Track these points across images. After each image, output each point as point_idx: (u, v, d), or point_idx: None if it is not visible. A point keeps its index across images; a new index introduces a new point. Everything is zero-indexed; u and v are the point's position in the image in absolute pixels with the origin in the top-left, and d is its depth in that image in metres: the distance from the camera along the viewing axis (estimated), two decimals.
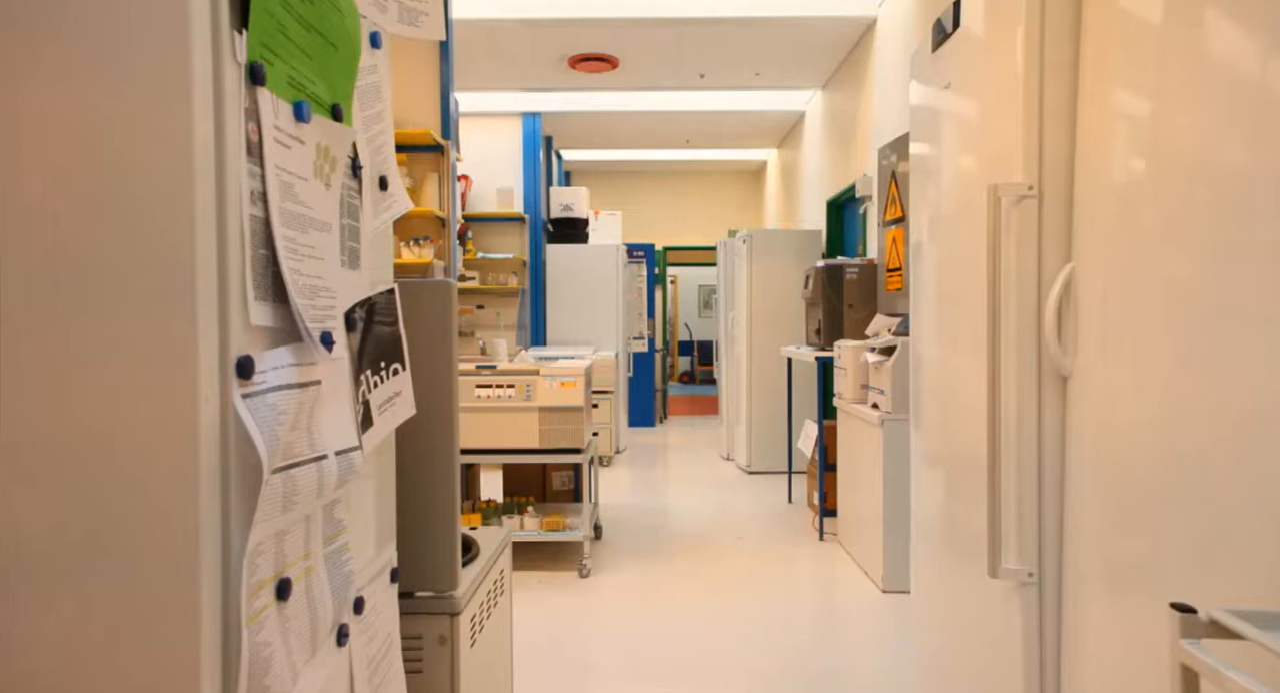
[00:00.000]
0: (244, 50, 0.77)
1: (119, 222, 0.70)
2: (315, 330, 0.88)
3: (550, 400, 3.35)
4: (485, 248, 6.67)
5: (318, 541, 0.90)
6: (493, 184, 6.70)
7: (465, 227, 6.42)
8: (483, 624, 1.40)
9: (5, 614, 0.70)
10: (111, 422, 0.70)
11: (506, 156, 6.79)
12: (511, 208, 6.60)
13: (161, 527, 0.70)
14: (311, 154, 0.91)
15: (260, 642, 0.75)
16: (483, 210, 6.63)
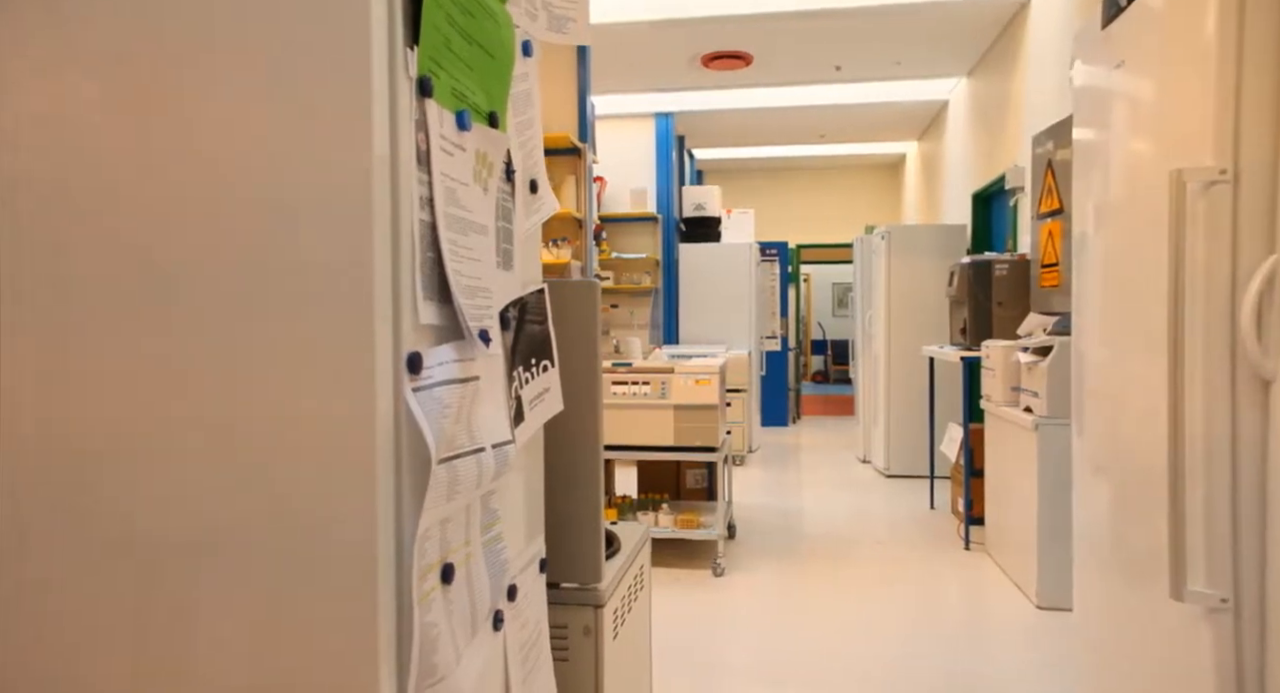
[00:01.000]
0: (414, 65, 0.82)
1: (307, 228, 0.76)
2: (475, 328, 0.92)
3: (685, 399, 3.36)
4: (619, 248, 6.79)
5: (476, 529, 0.94)
6: (626, 184, 6.81)
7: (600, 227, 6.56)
8: (624, 618, 1.43)
9: (195, 589, 0.78)
10: (298, 412, 0.77)
11: (640, 157, 6.88)
12: (645, 208, 6.68)
13: (342, 510, 0.75)
14: (471, 160, 0.95)
15: (429, 622, 0.79)
16: (617, 211, 6.75)
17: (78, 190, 0.80)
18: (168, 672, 0.78)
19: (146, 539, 0.79)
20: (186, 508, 0.78)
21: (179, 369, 0.78)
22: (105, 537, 0.79)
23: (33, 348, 0.80)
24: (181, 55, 0.77)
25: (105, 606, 0.79)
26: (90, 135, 0.79)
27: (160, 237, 0.78)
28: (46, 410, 0.80)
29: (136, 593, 0.79)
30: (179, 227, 0.78)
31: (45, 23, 0.80)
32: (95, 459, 0.80)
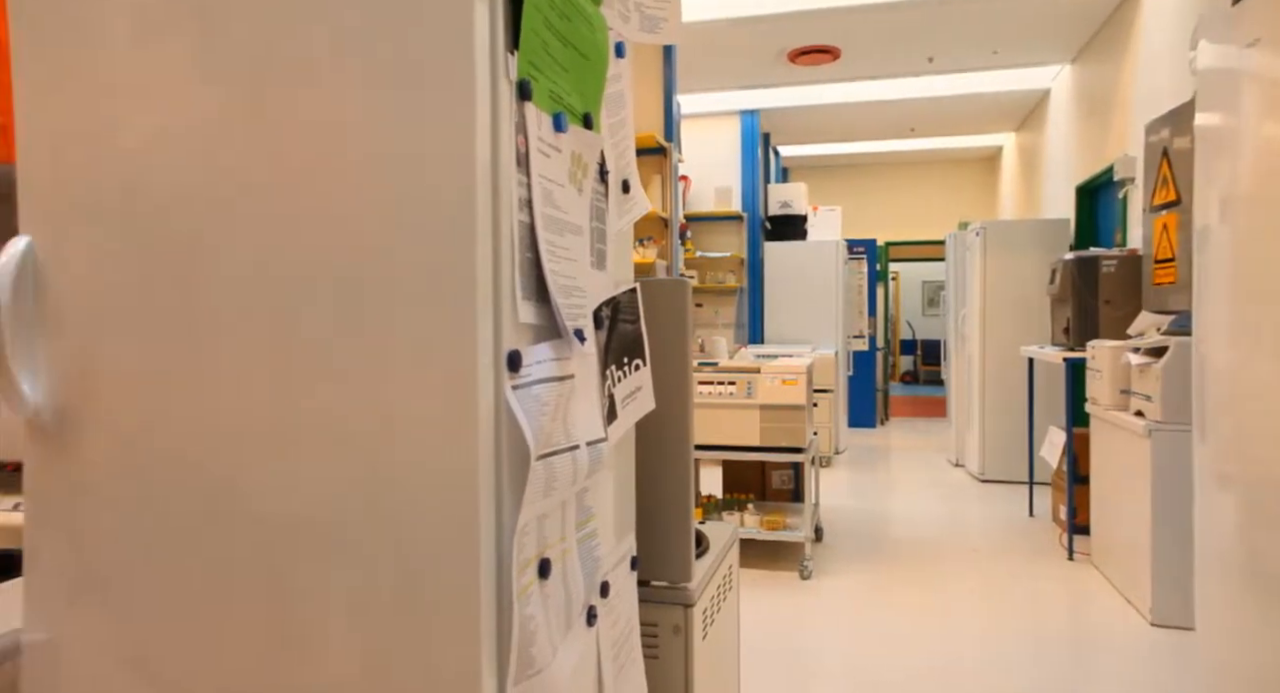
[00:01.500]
0: (515, 69, 0.83)
1: (414, 230, 0.78)
2: (571, 327, 0.93)
3: (771, 399, 3.32)
4: (704, 246, 6.77)
5: (571, 525, 0.96)
6: (711, 183, 6.78)
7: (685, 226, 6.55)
8: (713, 618, 1.42)
9: (304, 571, 0.81)
10: (404, 408, 0.79)
11: (724, 155, 6.84)
12: (729, 206, 6.64)
13: (446, 504, 0.77)
14: (567, 161, 0.96)
15: (527, 615, 0.81)
16: (701, 209, 6.73)
17: (199, 200, 0.85)
18: (277, 648, 0.83)
19: (262, 520, 0.83)
20: (300, 496, 0.82)
21: (295, 367, 0.82)
22: (227, 516, 0.84)
23: (164, 347, 0.86)
24: (293, 68, 0.81)
25: (223, 578, 0.84)
26: (208, 146, 0.84)
27: (275, 242, 0.83)
28: (177, 404, 0.86)
29: (250, 570, 0.83)
30: (293, 233, 0.82)
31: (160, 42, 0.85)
32: (219, 447, 0.85)
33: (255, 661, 0.84)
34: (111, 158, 0.87)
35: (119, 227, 0.87)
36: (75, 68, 0.87)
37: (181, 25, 0.85)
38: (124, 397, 0.88)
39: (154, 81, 0.86)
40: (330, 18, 0.80)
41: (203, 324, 0.85)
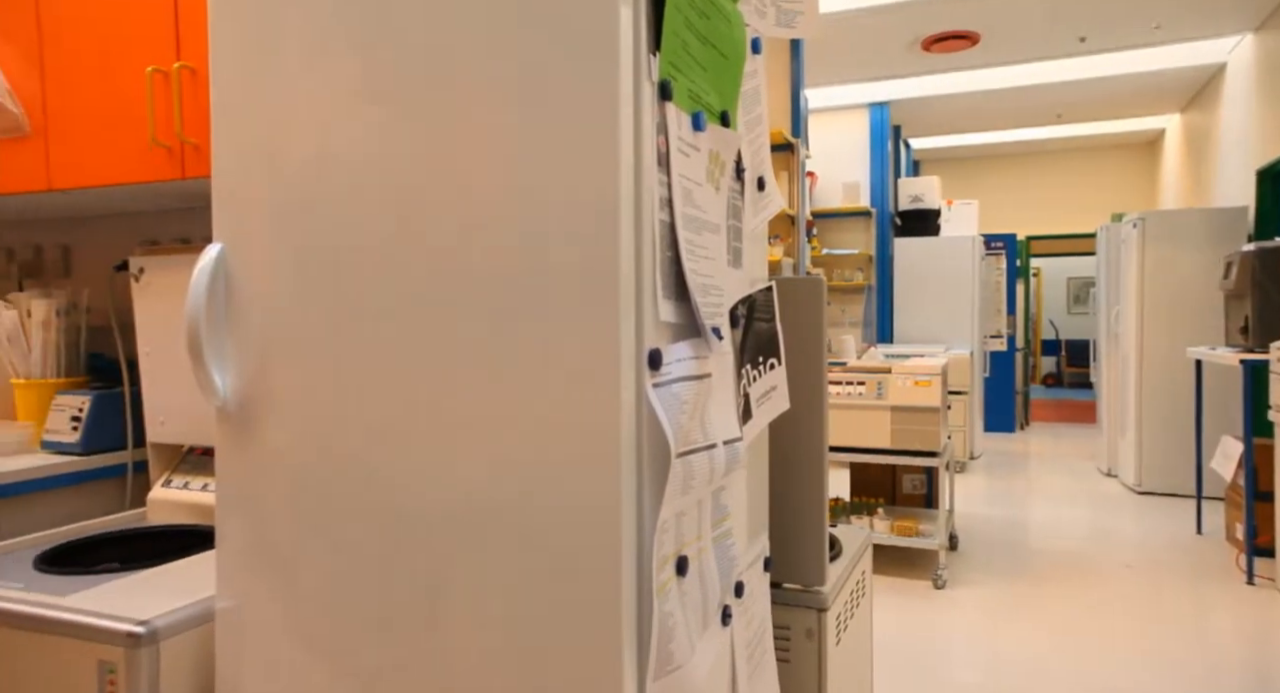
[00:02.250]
0: (656, 70, 0.84)
1: (559, 232, 0.81)
2: (709, 326, 0.93)
3: (903, 400, 3.20)
4: (830, 244, 6.61)
5: (708, 524, 0.96)
6: (838, 178, 6.61)
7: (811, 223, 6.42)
8: (847, 624, 1.38)
9: (454, 564, 0.85)
10: (548, 406, 0.82)
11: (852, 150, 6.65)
12: (857, 202, 6.44)
13: (589, 500, 0.79)
14: (705, 160, 0.97)
15: (666, 611, 0.82)
16: (828, 206, 6.57)
17: (362, 209, 0.91)
18: (427, 630, 0.87)
19: (416, 510, 0.88)
20: (452, 489, 0.87)
21: (449, 365, 0.87)
22: (384, 504, 0.90)
23: (331, 344, 0.93)
24: (446, 80, 0.86)
25: (380, 561, 0.90)
26: (370, 159, 0.90)
27: (431, 246, 0.87)
28: (341, 397, 0.92)
29: (404, 555, 0.89)
30: (447, 237, 0.86)
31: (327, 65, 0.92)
32: (378, 438, 0.90)
33: (407, 641, 0.89)
34: (287, 172, 0.95)
35: (293, 234, 0.95)
36: (257, 91, 0.96)
37: (345, 48, 0.92)
38: (295, 389, 0.95)
39: (322, 101, 0.93)
40: (479, 30, 0.84)
41: (365, 324, 0.91)
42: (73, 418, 1.57)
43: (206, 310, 0.96)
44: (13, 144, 1.52)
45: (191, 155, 1.37)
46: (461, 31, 0.85)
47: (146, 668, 0.95)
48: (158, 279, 1.50)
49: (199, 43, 1.35)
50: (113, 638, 0.96)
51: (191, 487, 1.51)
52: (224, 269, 0.98)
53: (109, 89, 1.43)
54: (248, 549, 0.98)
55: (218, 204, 0.99)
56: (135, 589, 1.09)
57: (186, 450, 1.58)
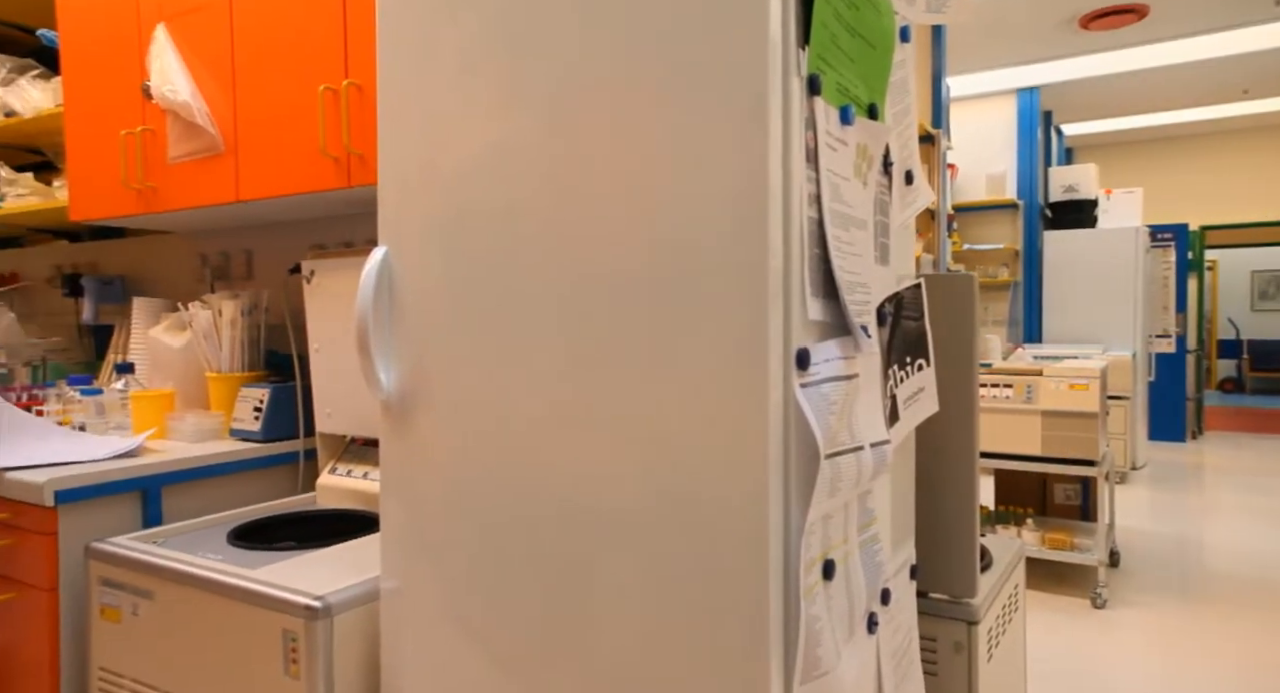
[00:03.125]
0: (805, 64, 0.83)
1: (708, 230, 0.81)
2: (857, 325, 0.91)
3: (1056, 404, 2.99)
4: (971, 239, 6.27)
5: (854, 528, 0.93)
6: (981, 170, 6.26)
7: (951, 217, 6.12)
8: (999, 639, 1.31)
9: (600, 558, 0.87)
10: (696, 405, 0.82)
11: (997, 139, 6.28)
12: (1002, 194, 6.08)
13: (735, 498, 0.79)
14: (853, 155, 0.94)
15: (813, 615, 0.81)
16: (970, 199, 6.24)
17: (512, 211, 0.95)
18: (572, 620, 0.90)
19: (563, 503, 0.91)
20: (598, 484, 0.89)
21: (597, 363, 0.89)
22: (532, 497, 0.93)
23: (484, 342, 0.97)
24: (593, 82, 0.88)
25: (527, 551, 0.93)
26: (519, 163, 0.93)
27: (579, 247, 0.90)
28: (494, 393, 0.97)
29: (551, 547, 0.92)
30: (596, 238, 0.89)
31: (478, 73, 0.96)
32: (528, 434, 0.94)
33: (554, 632, 0.92)
34: (443, 178, 1.00)
35: (450, 238, 1.00)
36: (417, 104, 1.02)
37: (495, 58, 0.96)
38: (450, 385, 1.01)
39: (474, 110, 0.98)
40: (627, 31, 0.86)
41: (517, 323, 0.95)
42: (255, 408, 1.73)
43: (373, 310, 1.04)
44: (209, 162, 1.69)
45: (357, 165, 1.47)
46: (609, 33, 0.87)
47: (322, 639, 1.04)
48: (326, 281, 1.63)
49: (364, 61, 1.45)
50: (294, 610, 1.05)
51: (354, 474, 1.62)
52: (388, 271, 1.05)
53: (287, 108, 1.56)
54: (407, 534, 1.05)
55: (382, 210, 1.06)
56: (311, 567, 1.18)
57: (349, 440, 1.70)
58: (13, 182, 2.26)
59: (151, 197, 1.81)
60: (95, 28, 1.89)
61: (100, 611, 1.30)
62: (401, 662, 1.05)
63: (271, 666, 1.07)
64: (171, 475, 1.53)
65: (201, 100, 1.67)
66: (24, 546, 1.41)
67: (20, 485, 1.38)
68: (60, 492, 1.36)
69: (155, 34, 1.72)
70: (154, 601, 1.22)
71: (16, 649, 1.43)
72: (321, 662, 1.04)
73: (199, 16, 1.68)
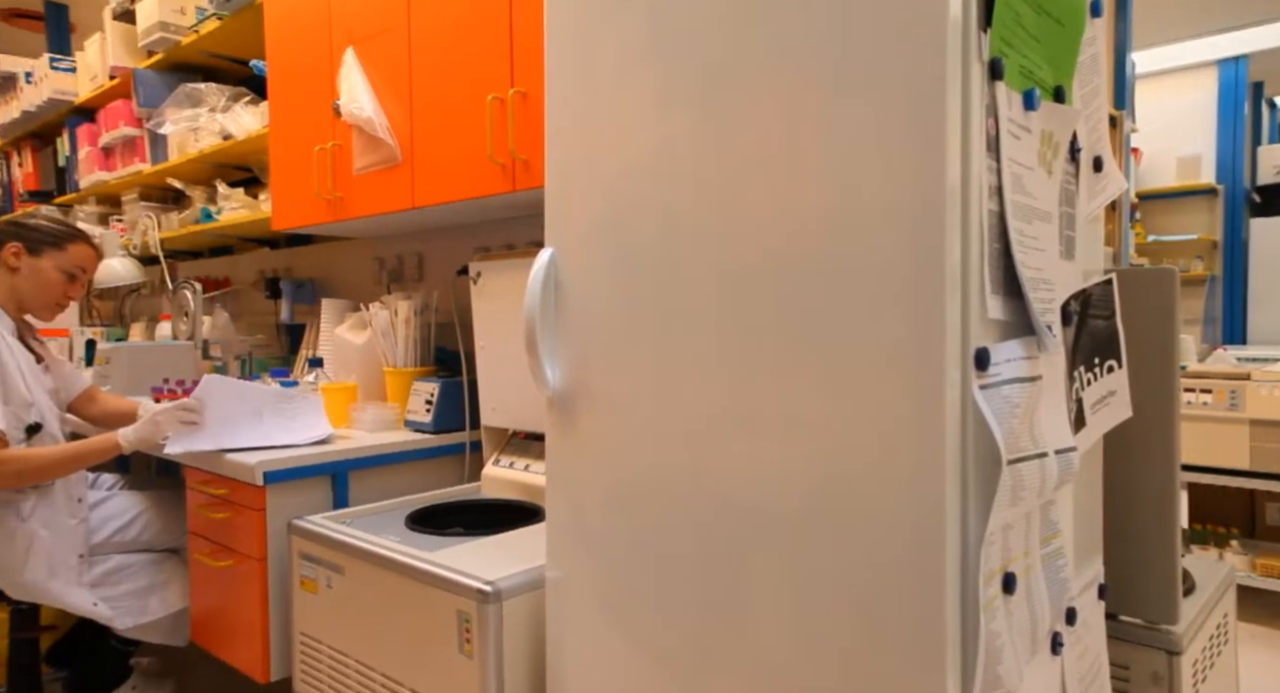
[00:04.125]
0: (987, 48, 0.78)
1: (881, 224, 0.78)
2: (1041, 324, 0.85)
3: (1268, 413, 2.66)
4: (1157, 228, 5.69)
5: (1036, 540, 0.87)
6: (1170, 153, 5.66)
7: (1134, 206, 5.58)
8: (1205, 674, 1.18)
9: (758, 559, 0.86)
10: (867, 406, 0.80)
11: (1191, 117, 5.66)
12: (1197, 178, 5.47)
13: (910, 503, 0.76)
14: (1036, 142, 0.88)
15: (993, 630, 0.76)
16: (1156, 185, 5.66)
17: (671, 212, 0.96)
18: (725, 619, 0.90)
19: (720, 503, 0.91)
20: (757, 485, 0.88)
21: (758, 362, 0.88)
22: (689, 494, 0.94)
23: (644, 341, 0.99)
24: (755, 72, 0.87)
25: (682, 547, 0.94)
26: (677, 164, 0.94)
27: (740, 246, 0.89)
28: (652, 392, 0.98)
29: (706, 545, 0.92)
30: (758, 236, 0.88)
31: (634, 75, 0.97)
32: (687, 433, 0.95)
33: (714, 636, 0.92)
34: (605, 179, 1.02)
35: (612, 238, 1.02)
36: (579, 108, 1.05)
37: (652, 57, 0.97)
38: (613, 384, 1.03)
39: (634, 111, 0.99)
40: (789, 19, 0.84)
41: (677, 321, 0.96)
42: (426, 402, 1.85)
43: (540, 309, 1.08)
44: (388, 172, 1.82)
45: (521, 170, 1.54)
46: (767, 24, 0.86)
47: (493, 621, 1.10)
48: (492, 281, 1.71)
49: (529, 70, 1.51)
50: (468, 593, 1.11)
51: (516, 466, 1.70)
52: (554, 271, 1.09)
53: (457, 118, 1.66)
54: (570, 527, 1.08)
55: (549, 213, 1.10)
56: (481, 553, 1.25)
57: (511, 434, 1.78)
58: (228, 196, 2.54)
59: (339, 205, 1.98)
60: (295, 55, 2.09)
61: (300, 582, 1.44)
62: (564, 649, 1.09)
63: (447, 643, 1.14)
64: (357, 462, 1.66)
65: (383, 115, 1.81)
66: (239, 520, 1.58)
67: (236, 466, 1.55)
68: (268, 473, 1.51)
69: (345, 57, 1.88)
70: (345, 576, 1.34)
71: (236, 610, 1.61)
72: (492, 642, 1.09)
73: (383, 38, 1.82)
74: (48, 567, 1.65)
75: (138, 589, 1.78)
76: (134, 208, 3.03)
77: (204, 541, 1.69)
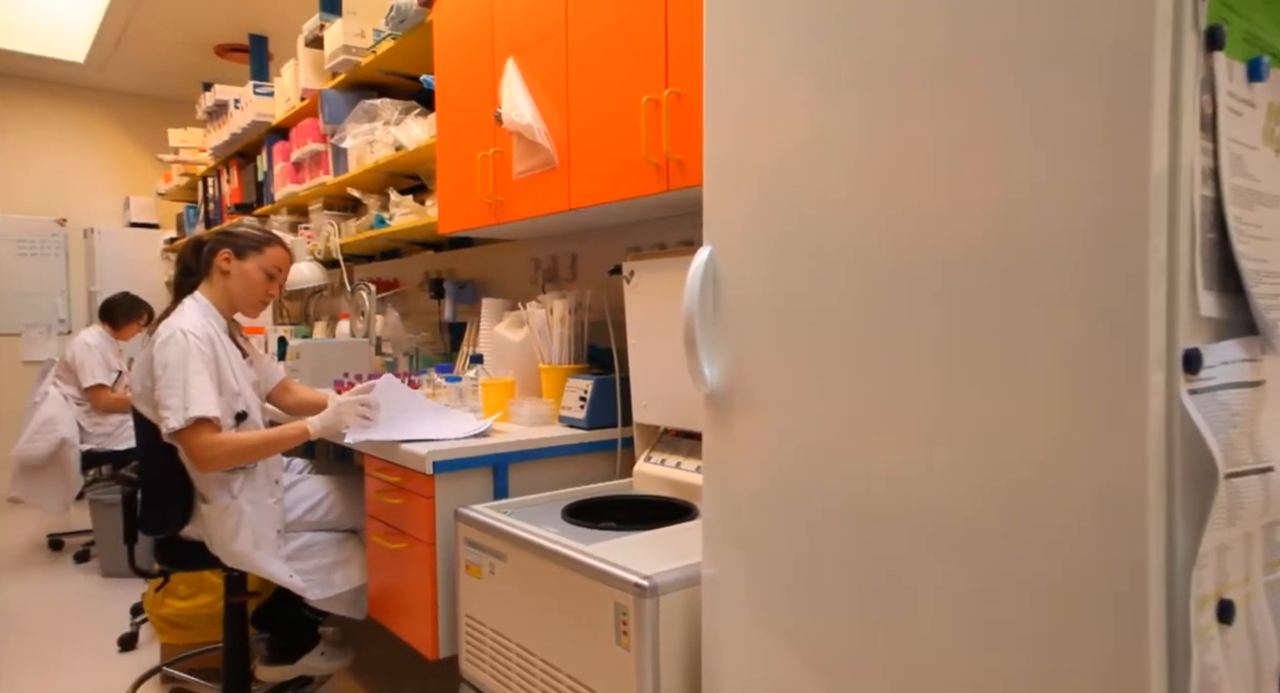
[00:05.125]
0: (1204, 15, 0.70)
1: (1073, 216, 0.72)
2: (1266, 322, 0.75)
3: None
4: None
5: (1257, 565, 0.78)
6: None
7: None
8: None
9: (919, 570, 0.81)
10: (1053, 410, 0.74)
11: None
12: None
13: (1106, 517, 0.70)
14: (1262, 117, 0.78)
15: (1208, 664, 0.68)
16: None
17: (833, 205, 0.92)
18: (879, 628, 0.85)
19: (880, 508, 0.87)
20: (923, 492, 0.84)
21: (928, 362, 0.84)
22: (847, 498, 0.90)
23: (801, 339, 0.97)
24: (930, 44, 0.82)
25: (836, 551, 0.91)
26: (839, 155, 0.91)
27: (908, 239, 0.85)
28: (810, 392, 0.95)
29: (862, 549, 0.88)
30: (929, 229, 0.83)
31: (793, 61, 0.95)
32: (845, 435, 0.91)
33: (876, 646, 0.88)
34: (763, 176, 1.01)
35: (771, 235, 1.01)
36: (737, 101, 1.04)
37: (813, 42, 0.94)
38: (772, 382, 1.01)
39: (791, 101, 0.97)
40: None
41: (839, 319, 0.93)
42: (580, 398, 1.90)
43: (699, 307, 1.08)
44: (545, 175, 1.89)
45: (675, 170, 1.55)
46: None
47: (649, 616, 1.11)
48: (645, 280, 1.74)
49: (683, 70, 1.52)
50: (625, 586, 1.13)
51: (667, 464, 1.72)
52: (713, 269, 1.09)
53: (612, 121, 1.69)
54: (725, 526, 1.08)
55: (708, 210, 1.10)
56: (636, 548, 1.27)
57: (662, 431, 1.80)
58: (399, 203, 2.72)
59: (500, 209, 2.08)
60: (461, 68, 2.21)
61: (465, 566, 1.53)
62: (720, 648, 1.09)
63: (604, 634, 1.17)
64: (516, 455, 1.74)
65: (541, 121, 1.88)
66: (411, 506, 1.69)
67: (409, 455, 1.66)
68: (437, 462, 1.61)
69: (506, 67, 1.97)
70: (507, 563, 1.40)
71: (408, 589, 1.73)
72: (649, 637, 1.11)
73: (542, 46, 1.89)
74: (253, 539, 1.83)
75: (324, 565, 1.95)
76: (318, 216, 3.32)
77: (380, 523, 1.82)
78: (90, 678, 2.51)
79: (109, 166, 6.04)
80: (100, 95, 5.94)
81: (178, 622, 2.46)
